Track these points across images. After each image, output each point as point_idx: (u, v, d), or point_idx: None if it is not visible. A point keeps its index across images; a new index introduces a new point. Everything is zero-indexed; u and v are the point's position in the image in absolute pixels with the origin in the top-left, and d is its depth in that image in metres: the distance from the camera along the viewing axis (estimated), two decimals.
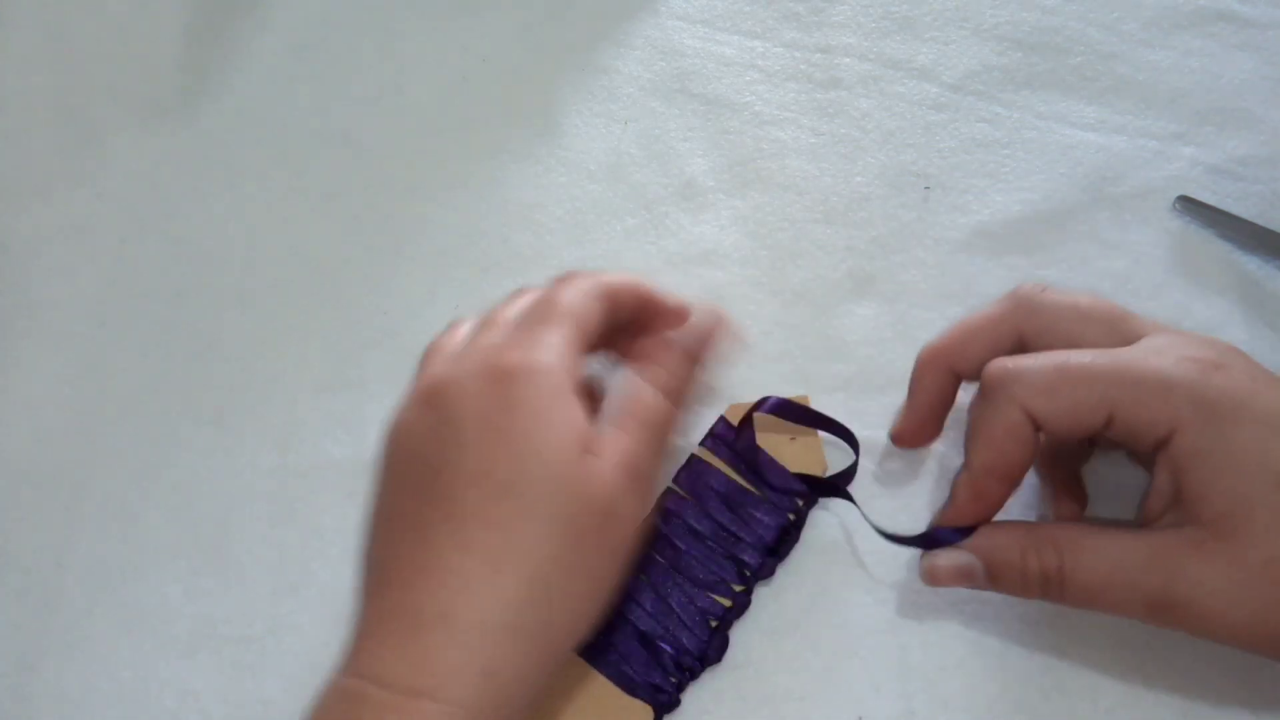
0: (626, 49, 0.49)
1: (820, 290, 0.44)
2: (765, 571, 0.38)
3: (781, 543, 0.38)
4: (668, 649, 0.36)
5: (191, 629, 0.40)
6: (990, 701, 0.37)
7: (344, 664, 0.30)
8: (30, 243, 0.46)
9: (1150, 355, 0.31)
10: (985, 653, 0.37)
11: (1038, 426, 0.32)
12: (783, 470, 0.39)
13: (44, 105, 0.49)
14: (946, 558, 0.34)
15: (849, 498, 0.38)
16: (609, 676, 0.36)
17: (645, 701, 0.35)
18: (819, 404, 0.41)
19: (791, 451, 0.39)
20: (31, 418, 0.44)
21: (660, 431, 0.33)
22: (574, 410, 0.31)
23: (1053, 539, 0.33)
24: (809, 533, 0.39)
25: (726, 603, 0.37)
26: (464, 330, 0.35)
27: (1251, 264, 0.43)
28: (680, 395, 0.34)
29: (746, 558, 0.37)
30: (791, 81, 0.47)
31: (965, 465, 0.34)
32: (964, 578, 0.34)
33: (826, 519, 0.40)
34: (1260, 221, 0.43)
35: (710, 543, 0.38)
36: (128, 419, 0.43)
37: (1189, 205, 0.44)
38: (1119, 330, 0.33)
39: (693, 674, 0.36)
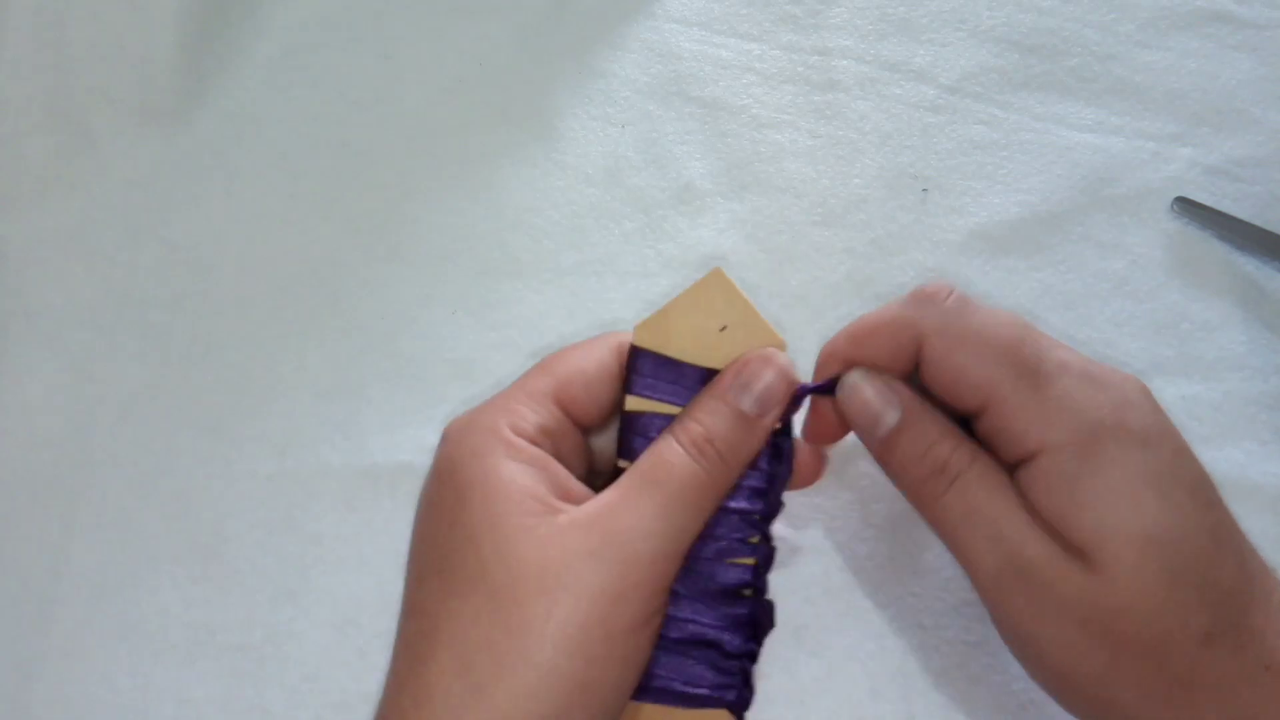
0: (623, 52, 0.48)
1: (819, 293, 0.44)
2: (773, 507, 0.32)
3: (777, 468, 0.32)
4: (713, 645, 0.31)
5: (189, 637, 0.40)
6: (990, 706, 0.37)
7: None
8: (26, 248, 0.46)
9: (1061, 377, 0.28)
10: (985, 657, 0.37)
11: (919, 362, 0.30)
12: None
13: (39, 110, 0.48)
14: (872, 391, 0.30)
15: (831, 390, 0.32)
16: (669, 703, 0.30)
17: (718, 708, 0.31)
18: None
19: (729, 345, 0.31)
20: (28, 424, 0.43)
21: (676, 494, 0.28)
22: (504, 468, 0.28)
23: (975, 449, 0.29)
24: (808, 538, 0.39)
25: (750, 561, 0.31)
26: None
27: (1250, 265, 0.43)
28: (719, 451, 0.29)
29: (745, 504, 0.31)
30: (788, 84, 0.47)
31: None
32: (869, 419, 0.30)
33: (818, 523, 0.40)
34: (1258, 222, 0.43)
35: None
36: (124, 425, 0.43)
37: (1187, 206, 0.44)
38: (1018, 355, 0.29)
39: (752, 657, 0.31)
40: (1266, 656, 0.27)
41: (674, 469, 0.29)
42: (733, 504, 0.31)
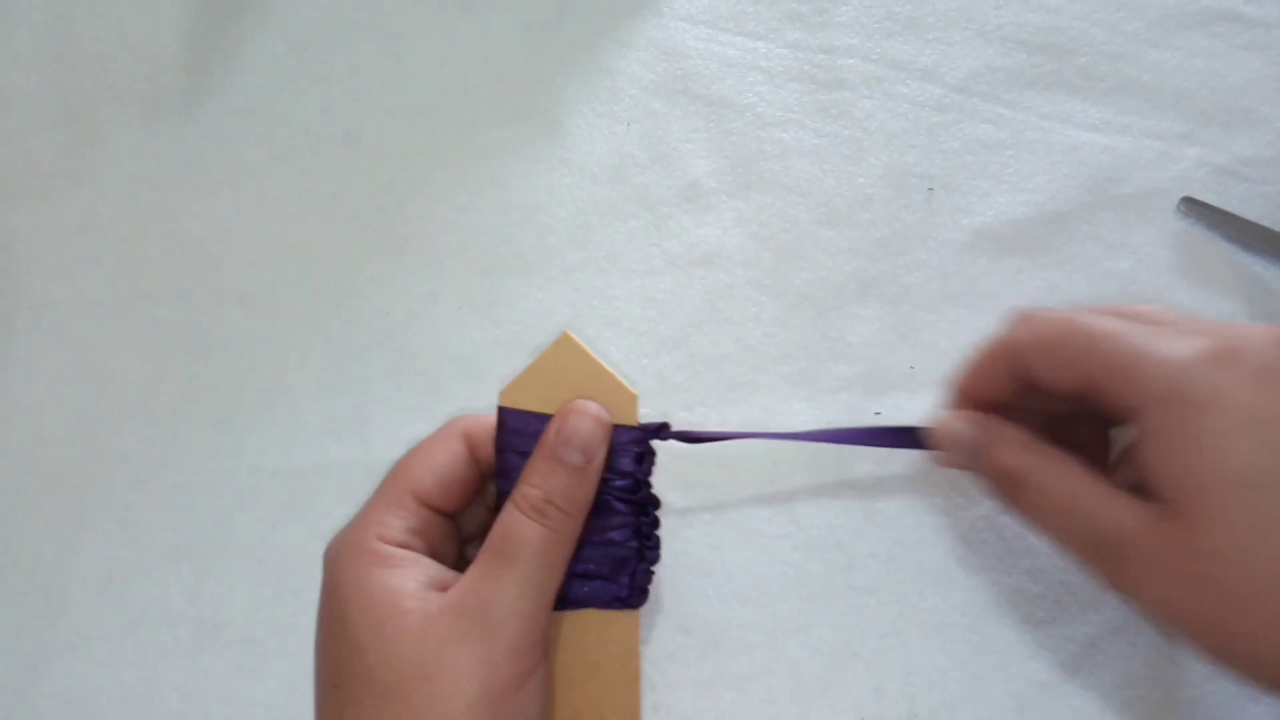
0: (629, 49, 0.48)
1: (823, 292, 0.44)
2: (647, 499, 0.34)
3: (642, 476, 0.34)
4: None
5: (194, 631, 0.40)
6: (992, 703, 0.37)
7: None
8: (32, 242, 0.46)
9: (1151, 335, 0.30)
10: (988, 654, 0.37)
11: (1026, 373, 0.33)
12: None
13: (45, 104, 0.49)
14: (961, 424, 0.35)
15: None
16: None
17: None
18: (821, 405, 0.41)
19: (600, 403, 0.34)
20: (34, 418, 0.44)
21: (529, 560, 0.30)
22: (375, 577, 0.30)
23: (1043, 451, 0.33)
24: (809, 535, 0.39)
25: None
26: None
27: (1257, 265, 0.43)
28: (559, 507, 0.31)
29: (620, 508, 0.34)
30: (794, 82, 0.47)
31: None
32: (960, 447, 0.35)
33: (822, 521, 0.40)
34: (1266, 223, 0.43)
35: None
36: (130, 419, 0.43)
37: (1194, 206, 0.44)
38: (1117, 313, 0.33)
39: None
40: None
41: (523, 539, 0.31)
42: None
